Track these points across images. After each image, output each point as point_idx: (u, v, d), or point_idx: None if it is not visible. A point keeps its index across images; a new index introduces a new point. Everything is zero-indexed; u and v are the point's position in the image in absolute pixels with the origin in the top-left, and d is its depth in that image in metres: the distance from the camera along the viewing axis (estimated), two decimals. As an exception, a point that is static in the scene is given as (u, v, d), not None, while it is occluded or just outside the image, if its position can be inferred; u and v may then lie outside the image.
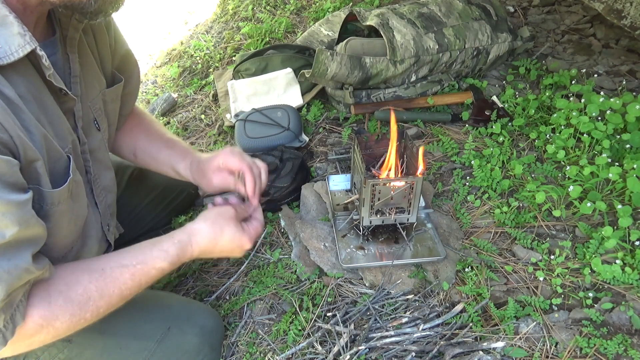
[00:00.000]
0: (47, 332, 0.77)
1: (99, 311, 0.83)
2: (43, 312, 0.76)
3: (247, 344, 1.19)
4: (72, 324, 0.80)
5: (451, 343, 1.10)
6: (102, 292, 0.82)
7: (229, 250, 1.01)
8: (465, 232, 1.40)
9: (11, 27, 0.67)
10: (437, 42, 1.77)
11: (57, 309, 0.78)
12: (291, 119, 1.72)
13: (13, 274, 0.68)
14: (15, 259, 0.69)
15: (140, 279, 0.87)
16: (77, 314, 0.79)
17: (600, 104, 1.59)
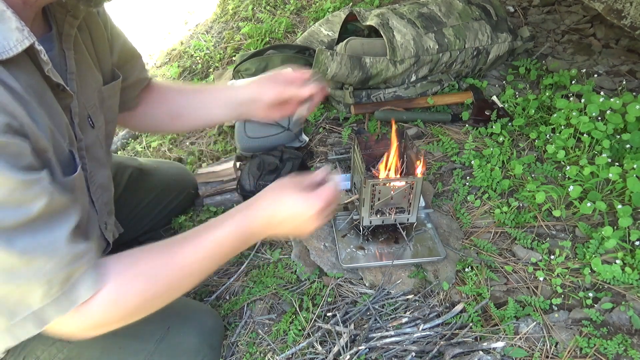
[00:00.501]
0: (120, 310, 0.77)
1: (167, 287, 0.82)
2: (113, 289, 0.75)
3: (247, 344, 1.19)
4: (143, 301, 0.79)
5: (451, 343, 1.10)
6: (169, 266, 0.82)
7: (291, 219, 0.90)
8: (465, 232, 1.40)
9: (9, 22, 0.67)
10: (437, 42, 1.77)
11: (127, 285, 0.77)
12: (291, 119, 1.72)
13: (51, 248, 0.69)
14: (51, 234, 0.69)
15: (206, 252, 0.85)
16: (146, 289, 0.79)
17: (600, 104, 1.59)
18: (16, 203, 0.65)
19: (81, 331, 0.77)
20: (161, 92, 1.23)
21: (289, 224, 0.91)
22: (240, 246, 0.91)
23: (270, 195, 0.92)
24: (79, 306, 0.72)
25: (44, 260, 0.68)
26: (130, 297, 0.78)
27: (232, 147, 1.83)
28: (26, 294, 0.68)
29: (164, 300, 0.84)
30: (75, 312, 0.72)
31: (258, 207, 0.91)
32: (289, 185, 0.93)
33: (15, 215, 0.65)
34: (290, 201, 0.90)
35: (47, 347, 0.94)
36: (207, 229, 0.87)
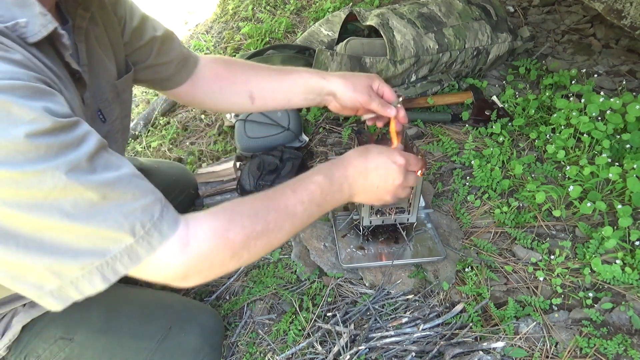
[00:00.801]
0: (222, 244, 0.74)
1: (269, 226, 0.79)
2: (212, 222, 0.74)
3: (247, 344, 1.19)
4: (244, 237, 0.76)
5: (451, 343, 1.10)
6: (267, 207, 0.80)
7: (383, 165, 0.93)
8: (465, 232, 1.40)
9: (33, 8, 0.68)
10: (437, 42, 1.77)
11: (226, 220, 0.75)
12: (291, 119, 1.72)
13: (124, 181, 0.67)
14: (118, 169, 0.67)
15: (301, 195, 0.84)
16: (247, 226, 0.76)
17: (600, 104, 1.59)
18: (77, 140, 0.64)
19: (184, 270, 0.72)
20: (237, 69, 1.20)
21: (379, 171, 0.93)
22: (337, 194, 0.90)
23: (357, 151, 0.95)
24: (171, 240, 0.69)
25: (120, 193, 0.66)
26: (235, 230, 0.75)
27: (232, 147, 1.83)
28: (112, 230, 0.65)
29: (267, 242, 0.80)
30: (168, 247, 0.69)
31: (349, 157, 0.94)
32: (373, 146, 0.97)
33: (81, 152, 0.63)
34: (376, 150, 0.95)
35: (49, 345, 0.95)
36: (303, 176, 0.87)
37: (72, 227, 0.62)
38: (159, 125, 2.10)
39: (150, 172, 1.44)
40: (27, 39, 0.66)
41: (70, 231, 0.63)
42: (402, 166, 0.95)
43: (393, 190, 0.96)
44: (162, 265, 0.70)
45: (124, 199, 0.66)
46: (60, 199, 0.61)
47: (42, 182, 0.59)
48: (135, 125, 2.09)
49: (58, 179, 0.60)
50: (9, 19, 0.64)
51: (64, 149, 0.62)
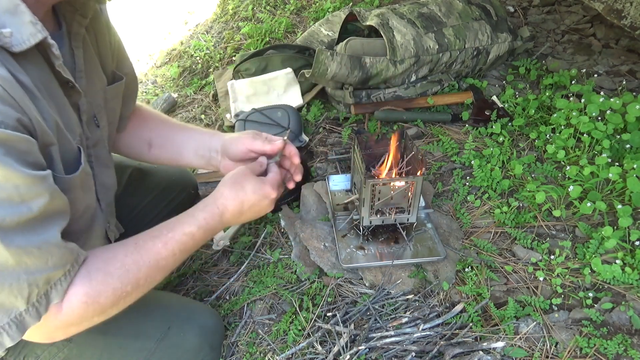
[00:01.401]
0: (93, 309, 0.78)
1: (139, 283, 0.83)
2: (85, 289, 0.76)
3: (247, 344, 1.19)
4: (115, 299, 0.80)
5: (451, 343, 1.10)
6: (138, 264, 0.84)
7: (257, 203, 1.00)
8: (465, 232, 1.40)
9: (22, 16, 0.68)
10: (437, 42, 1.77)
11: (99, 284, 0.78)
12: (291, 119, 1.72)
13: (43, 249, 0.69)
14: (45, 234, 0.70)
15: (173, 247, 0.88)
16: (118, 288, 0.80)
17: (600, 104, 1.59)
18: (20, 200, 0.65)
19: (52, 332, 0.77)
20: (145, 117, 1.24)
21: (253, 207, 1.00)
22: (209, 237, 0.96)
23: (231, 186, 0.98)
24: (52, 307, 0.73)
25: (35, 259, 0.68)
26: (106, 295, 0.79)
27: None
28: (12, 296, 0.68)
29: (137, 295, 0.86)
30: (54, 313, 0.73)
31: (226, 198, 0.97)
32: (242, 174, 1.00)
33: (17, 212, 0.65)
34: (250, 185, 0.99)
35: (48, 346, 0.94)
36: (176, 223, 0.91)
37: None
38: (159, 125, 2.10)
39: (150, 172, 1.44)
40: (11, 48, 0.66)
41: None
42: (274, 199, 1.02)
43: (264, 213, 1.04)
44: (34, 330, 0.74)
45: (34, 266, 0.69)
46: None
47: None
48: (135, 125, 2.09)
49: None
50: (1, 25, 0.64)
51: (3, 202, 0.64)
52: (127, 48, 1.16)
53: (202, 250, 1.45)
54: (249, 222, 1.05)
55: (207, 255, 1.44)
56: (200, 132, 1.22)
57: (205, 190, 1.59)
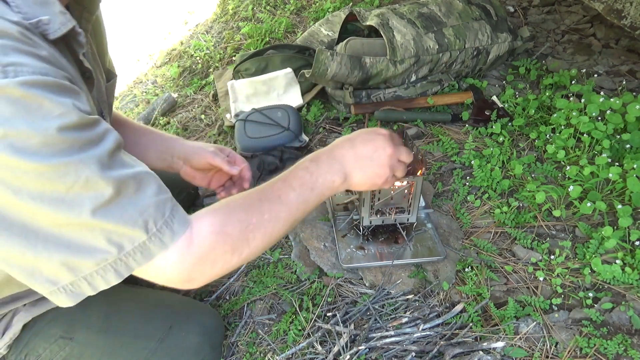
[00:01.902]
0: (223, 240, 0.75)
1: (264, 216, 0.80)
2: (210, 219, 0.75)
3: (247, 344, 1.19)
4: (242, 230, 0.77)
5: (451, 343, 1.10)
6: (260, 198, 0.82)
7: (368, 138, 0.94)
8: (465, 232, 1.40)
9: (53, 7, 0.70)
10: (437, 42, 1.77)
11: (222, 215, 0.77)
12: (291, 119, 1.72)
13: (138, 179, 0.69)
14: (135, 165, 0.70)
15: (291, 181, 0.86)
16: (243, 218, 0.78)
17: (600, 104, 1.59)
18: (99, 137, 0.66)
19: (189, 270, 0.73)
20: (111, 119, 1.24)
21: (366, 147, 0.93)
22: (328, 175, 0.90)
23: (342, 138, 0.96)
24: (181, 239, 0.71)
25: (138, 188, 0.68)
26: (232, 224, 0.76)
27: (232, 147, 1.83)
28: (130, 224, 0.66)
29: (266, 233, 0.80)
30: (184, 244, 0.71)
31: (334, 142, 0.95)
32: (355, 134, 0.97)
33: (102, 148, 0.66)
34: (358, 131, 0.96)
35: (49, 344, 0.95)
36: (293, 172, 0.88)
37: (90, 224, 0.64)
38: (159, 125, 2.10)
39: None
40: (49, 35, 0.68)
41: (88, 227, 0.64)
42: (387, 136, 0.95)
43: (387, 161, 0.94)
44: (170, 265, 0.71)
45: (138, 195, 0.68)
46: (81, 193, 0.62)
47: (66, 175, 0.61)
48: (135, 125, 2.09)
49: (81, 173, 0.62)
50: (32, 17, 0.66)
51: (88, 144, 0.64)
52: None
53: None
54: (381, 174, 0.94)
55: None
56: (163, 137, 1.24)
57: (206, 190, 1.59)
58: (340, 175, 0.91)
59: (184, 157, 1.20)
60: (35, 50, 0.63)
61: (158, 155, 1.21)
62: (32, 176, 0.60)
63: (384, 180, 0.97)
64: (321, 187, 0.88)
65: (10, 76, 0.58)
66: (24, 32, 0.63)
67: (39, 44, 0.65)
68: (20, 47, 0.61)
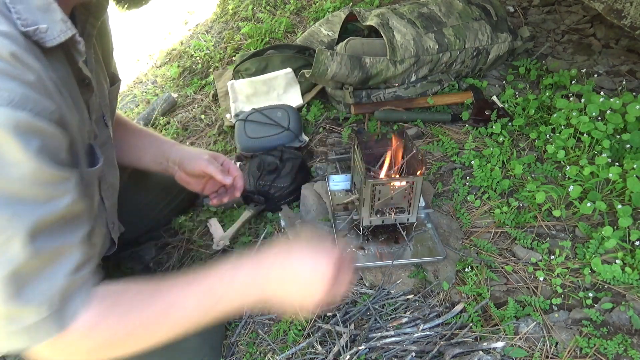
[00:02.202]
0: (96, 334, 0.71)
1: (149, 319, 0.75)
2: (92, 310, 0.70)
3: (247, 344, 1.19)
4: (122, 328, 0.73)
5: (451, 343, 1.10)
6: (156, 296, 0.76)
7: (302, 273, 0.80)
8: (465, 232, 1.40)
9: (54, 14, 0.69)
10: (437, 42, 1.77)
11: (106, 308, 0.71)
12: (291, 119, 1.72)
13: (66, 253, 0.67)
14: (70, 236, 0.68)
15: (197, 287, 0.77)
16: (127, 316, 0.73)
17: (600, 104, 1.59)
18: (47, 197, 0.64)
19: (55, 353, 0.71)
20: None
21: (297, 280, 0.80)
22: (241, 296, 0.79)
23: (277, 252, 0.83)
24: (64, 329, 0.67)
25: (53, 265, 0.66)
26: (112, 320, 0.72)
27: (232, 147, 1.83)
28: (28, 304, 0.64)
29: (145, 337, 0.76)
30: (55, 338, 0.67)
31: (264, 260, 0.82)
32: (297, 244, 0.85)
33: (43, 210, 0.63)
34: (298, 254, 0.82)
35: None
36: (204, 274, 0.79)
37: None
38: (159, 125, 2.10)
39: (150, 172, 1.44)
40: (45, 44, 0.68)
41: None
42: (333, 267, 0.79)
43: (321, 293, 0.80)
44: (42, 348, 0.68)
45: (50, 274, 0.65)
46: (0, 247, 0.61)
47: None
48: (135, 125, 2.09)
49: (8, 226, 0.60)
50: (31, 24, 0.65)
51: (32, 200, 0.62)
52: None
53: (202, 250, 1.45)
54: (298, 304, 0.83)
55: (207, 255, 1.44)
56: (160, 140, 1.24)
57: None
58: (256, 294, 0.80)
59: (179, 162, 1.19)
60: (21, 74, 0.61)
61: (154, 158, 1.22)
62: None
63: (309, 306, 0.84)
64: (229, 302, 0.78)
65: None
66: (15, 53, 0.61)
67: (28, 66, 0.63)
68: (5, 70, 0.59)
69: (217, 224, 1.49)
